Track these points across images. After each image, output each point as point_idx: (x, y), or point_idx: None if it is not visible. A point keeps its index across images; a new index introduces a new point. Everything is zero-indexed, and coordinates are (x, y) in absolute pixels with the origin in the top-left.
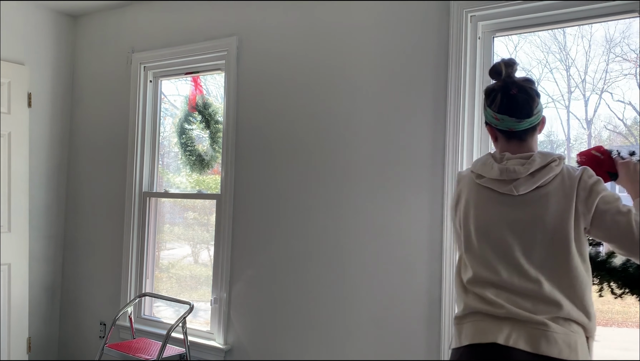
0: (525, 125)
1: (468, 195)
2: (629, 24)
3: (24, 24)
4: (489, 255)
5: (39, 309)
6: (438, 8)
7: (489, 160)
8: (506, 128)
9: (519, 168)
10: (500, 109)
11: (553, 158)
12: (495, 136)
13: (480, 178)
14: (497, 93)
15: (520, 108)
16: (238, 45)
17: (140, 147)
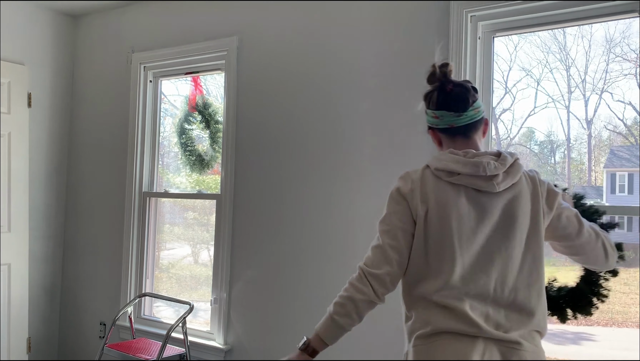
0: (465, 120)
1: (435, 195)
2: (629, 24)
3: (24, 24)
4: (467, 259)
5: (39, 309)
6: (438, 8)
7: (456, 157)
8: (447, 125)
9: (496, 164)
10: (438, 105)
11: (516, 156)
12: (439, 139)
13: (451, 176)
14: (434, 92)
15: (457, 101)
16: (238, 45)
17: (140, 147)
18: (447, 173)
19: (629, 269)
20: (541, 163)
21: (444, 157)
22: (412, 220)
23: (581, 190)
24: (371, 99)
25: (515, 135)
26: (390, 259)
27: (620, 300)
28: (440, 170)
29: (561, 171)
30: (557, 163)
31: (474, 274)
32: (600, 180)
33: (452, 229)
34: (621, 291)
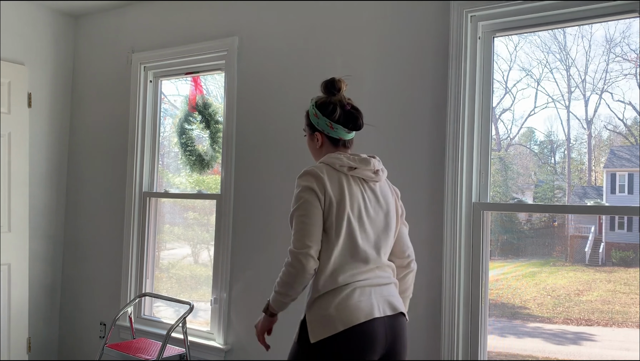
0: (351, 136)
1: (339, 186)
2: (629, 24)
3: (24, 24)
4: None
5: (39, 309)
6: (438, 8)
7: (350, 157)
8: (337, 136)
9: (376, 162)
10: (338, 120)
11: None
12: (322, 142)
13: (351, 170)
14: (336, 106)
15: (354, 122)
16: (238, 45)
17: (140, 147)
18: (348, 168)
19: (629, 269)
20: (541, 163)
21: (341, 158)
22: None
23: (581, 190)
24: (371, 99)
25: (515, 135)
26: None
27: (620, 300)
28: (343, 166)
29: (561, 171)
30: (557, 163)
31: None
32: (600, 180)
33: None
34: (621, 291)
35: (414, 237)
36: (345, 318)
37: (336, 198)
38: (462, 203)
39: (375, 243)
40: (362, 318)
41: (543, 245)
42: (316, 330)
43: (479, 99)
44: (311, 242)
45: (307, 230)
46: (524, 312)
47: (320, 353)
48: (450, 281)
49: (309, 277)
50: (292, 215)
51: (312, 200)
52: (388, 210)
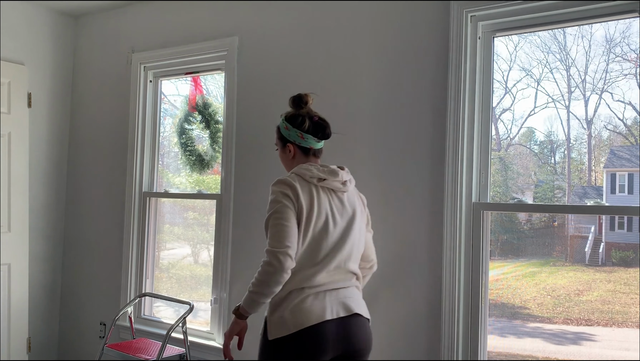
0: (320, 145)
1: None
2: (629, 24)
3: (24, 24)
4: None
5: (39, 309)
6: (438, 8)
7: (319, 168)
8: (308, 146)
9: (344, 173)
10: (307, 130)
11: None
12: (294, 153)
13: (320, 181)
14: (305, 118)
15: (323, 131)
16: (238, 45)
17: (140, 147)
18: (318, 179)
19: (629, 269)
20: (541, 163)
21: (311, 169)
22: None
23: (581, 190)
24: (371, 99)
25: (515, 135)
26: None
27: (620, 300)
28: (313, 177)
29: (561, 171)
30: (557, 163)
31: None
32: (600, 180)
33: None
34: (621, 291)
35: (414, 236)
36: (297, 320)
37: (306, 206)
38: (462, 203)
39: (341, 251)
40: (313, 320)
41: (543, 245)
42: (273, 329)
43: (479, 99)
44: (290, 243)
45: (286, 232)
46: (524, 312)
47: (276, 349)
48: (450, 281)
49: (286, 276)
50: (269, 219)
51: (286, 206)
52: (355, 218)
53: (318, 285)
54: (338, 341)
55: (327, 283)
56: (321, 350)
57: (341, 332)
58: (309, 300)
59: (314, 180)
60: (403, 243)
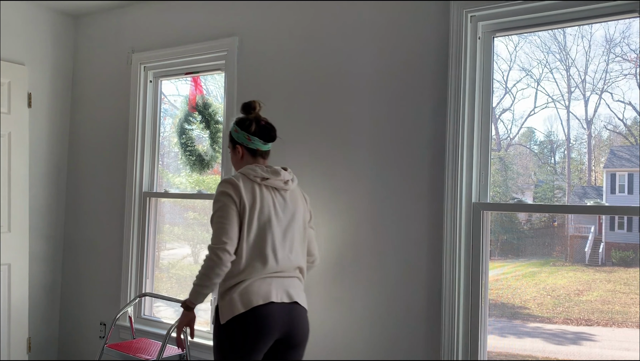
0: (267, 147)
1: (252, 194)
2: (629, 24)
3: (24, 24)
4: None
5: (39, 309)
6: (438, 8)
7: (263, 169)
8: (255, 147)
9: (286, 173)
10: (254, 133)
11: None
12: (242, 154)
13: (264, 180)
14: (252, 122)
15: (268, 135)
16: (238, 45)
17: (140, 147)
18: (261, 178)
19: (628, 269)
20: (541, 163)
21: (255, 169)
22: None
23: (581, 190)
24: (370, 99)
25: (515, 135)
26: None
27: (620, 300)
28: (257, 176)
29: (561, 171)
30: (557, 163)
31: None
32: (600, 180)
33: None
34: (621, 291)
35: (415, 236)
36: (245, 301)
37: (249, 204)
38: (462, 203)
39: (282, 245)
40: (260, 301)
41: (543, 245)
42: (224, 313)
43: (478, 99)
44: (227, 239)
45: (224, 229)
46: (524, 312)
47: (228, 331)
48: (450, 281)
49: (225, 269)
50: (212, 217)
51: (229, 204)
52: (297, 215)
53: (264, 273)
54: (282, 324)
55: (272, 272)
56: (269, 328)
57: (285, 317)
58: (256, 284)
59: (257, 179)
60: (403, 242)
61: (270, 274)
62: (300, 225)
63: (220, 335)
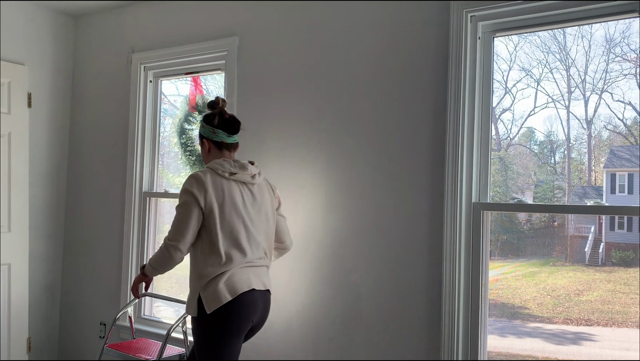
0: (232, 140)
1: (222, 189)
2: (629, 24)
3: (24, 24)
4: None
5: (39, 309)
6: (438, 8)
7: (230, 163)
8: (219, 140)
9: (253, 167)
10: (218, 125)
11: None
12: (209, 148)
13: (232, 175)
14: (216, 116)
15: (232, 127)
16: (238, 45)
17: (140, 147)
18: (229, 173)
19: (628, 269)
20: (541, 163)
21: (223, 164)
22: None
23: (581, 190)
24: (371, 99)
25: (515, 135)
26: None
27: (620, 300)
28: (225, 171)
29: (561, 171)
30: (557, 163)
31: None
32: (600, 180)
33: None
34: (621, 291)
35: (415, 236)
36: (231, 290)
37: (218, 199)
38: (462, 203)
39: (253, 236)
40: (244, 288)
41: (543, 245)
42: (210, 303)
43: (478, 99)
44: (182, 237)
45: (180, 228)
46: (524, 312)
47: (215, 320)
48: (450, 281)
49: (174, 264)
50: (176, 208)
51: (190, 203)
52: (264, 207)
53: (242, 264)
54: (260, 310)
55: (246, 261)
56: (253, 313)
57: (261, 303)
58: (237, 273)
59: (225, 174)
60: (403, 242)
61: (247, 264)
62: (269, 216)
63: (207, 325)
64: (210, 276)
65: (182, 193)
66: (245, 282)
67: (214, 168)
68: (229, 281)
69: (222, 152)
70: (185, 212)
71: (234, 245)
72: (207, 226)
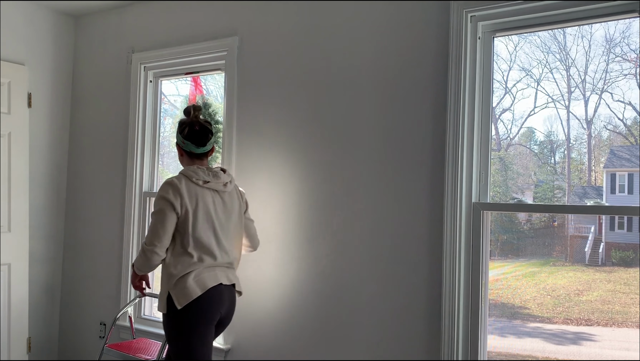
0: (201, 150)
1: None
2: (629, 24)
3: (24, 24)
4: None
5: (39, 309)
6: (438, 8)
7: (204, 171)
8: (188, 150)
9: (225, 175)
10: (187, 137)
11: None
12: (182, 153)
13: (205, 183)
14: (187, 126)
15: (199, 140)
16: (238, 45)
17: (140, 147)
18: (203, 181)
19: (629, 269)
20: (541, 163)
21: (197, 172)
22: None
23: (581, 190)
24: (371, 99)
25: (515, 135)
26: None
27: (620, 300)
28: (199, 179)
29: (561, 171)
30: (557, 163)
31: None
32: (600, 180)
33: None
34: (621, 291)
35: (415, 236)
36: (201, 285)
37: (192, 205)
38: (462, 203)
39: (222, 241)
40: (212, 283)
41: (543, 245)
42: (180, 299)
43: (479, 99)
44: (158, 242)
45: (157, 232)
46: (524, 312)
47: (186, 315)
48: (450, 281)
49: (154, 267)
50: (152, 215)
51: (165, 209)
52: (233, 214)
53: (208, 264)
54: (227, 303)
55: (214, 263)
56: (220, 305)
57: (228, 297)
58: (205, 272)
59: (199, 182)
60: (403, 242)
61: (216, 265)
62: (237, 222)
63: (177, 320)
64: (179, 275)
65: (158, 200)
66: (213, 278)
67: (188, 175)
68: (197, 278)
69: (193, 160)
70: (162, 217)
71: (204, 249)
72: (180, 230)
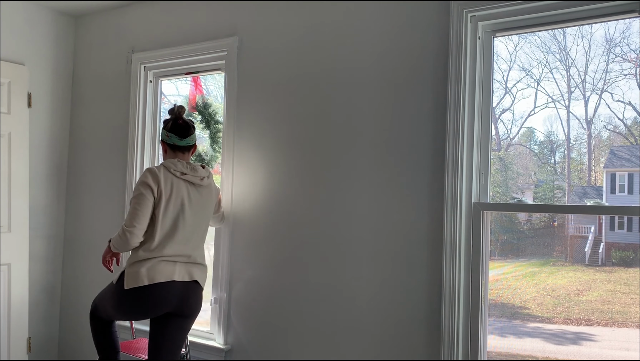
0: (183, 143)
1: (171, 185)
2: (629, 24)
3: (24, 24)
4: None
5: (39, 309)
6: (438, 8)
7: (183, 164)
8: (172, 143)
9: (203, 170)
10: (171, 130)
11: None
12: (166, 149)
13: (183, 175)
14: (171, 121)
15: (182, 132)
16: (238, 45)
17: (140, 147)
18: (181, 173)
19: (629, 269)
20: (541, 163)
21: (176, 163)
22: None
23: (581, 190)
24: (371, 99)
25: (515, 135)
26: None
27: (620, 300)
28: (177, 171)
29: (561, 171)
30: (557, 163)
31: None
32: (600, 180)
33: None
34: (621, 291)
35: (414, 236)
36: (150, 276)
37: (166, 193)
38: (462, 203)
39: (189, 232)
40: (162, 279)
41: (543, 245)
42: (129, 281)
43: (478, 99)
44: (137, 223)
45: (136, 215)
46: (524, 312)
47: (129, 297)
48: (450, 281)
49: (131, 247)
50: (131, 200)
51: (145, 193)
52: (207, 210)
53: (170, 254)
54: (178, 299)
55: (177, 254)
56: (165, 302)
57: (181, 293)
58: (162, 264)
59: (177, 173)
60: (403, 242)
61: (175, 257)
62: (209, 217)
63: (120, 297)
64: (139, 259)
65: (139, 185)
66: (167, 273)
67: (167, 166)
68: (151, 268)
69: (176, 153)
70: (142, 201)
71: (169, 236)
72: (152, 215)
